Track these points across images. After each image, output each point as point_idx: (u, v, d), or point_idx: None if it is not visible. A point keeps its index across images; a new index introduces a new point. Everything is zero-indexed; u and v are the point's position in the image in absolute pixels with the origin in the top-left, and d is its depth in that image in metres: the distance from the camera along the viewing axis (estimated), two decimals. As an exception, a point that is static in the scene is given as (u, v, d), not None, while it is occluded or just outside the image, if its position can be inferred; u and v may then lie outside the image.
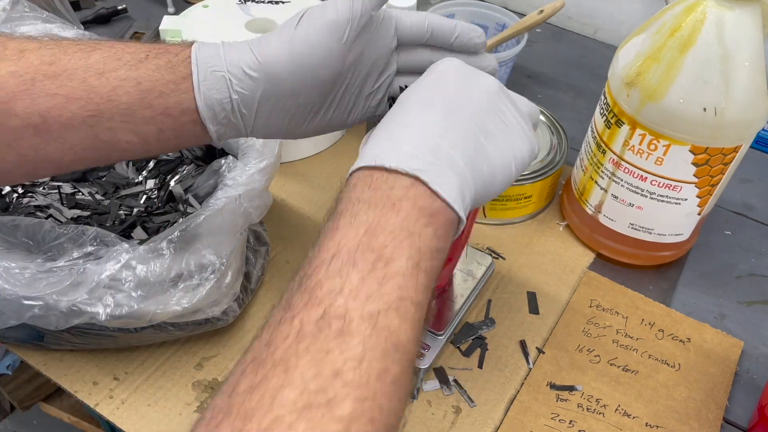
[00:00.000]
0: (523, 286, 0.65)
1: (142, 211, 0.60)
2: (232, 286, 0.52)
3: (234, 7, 0.77)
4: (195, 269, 0.48)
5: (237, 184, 0.51)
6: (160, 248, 0.47)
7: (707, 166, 0.56)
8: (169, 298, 0.47)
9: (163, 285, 0.47)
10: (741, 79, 0.52)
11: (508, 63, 0.82)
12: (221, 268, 0.49)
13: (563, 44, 1.01)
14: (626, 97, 0.56)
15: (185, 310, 0.48)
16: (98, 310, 0.46)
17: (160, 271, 0.47)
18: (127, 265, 0.46)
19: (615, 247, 0.66)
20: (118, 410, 0.53)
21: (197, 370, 0.56)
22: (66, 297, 0.45)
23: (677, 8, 0.53)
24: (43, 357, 0.56)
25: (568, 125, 0.74)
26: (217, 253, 0.49)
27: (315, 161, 0.77)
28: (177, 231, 0.48)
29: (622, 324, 0.62)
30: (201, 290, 0.48)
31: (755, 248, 0.71)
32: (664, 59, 0.53)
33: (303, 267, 0.34)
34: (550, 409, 0.55)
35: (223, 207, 0.50)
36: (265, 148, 0.55)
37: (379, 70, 0.44)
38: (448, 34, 0.44)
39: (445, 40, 0.44)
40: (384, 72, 0.45)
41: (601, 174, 0.63)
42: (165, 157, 0.64)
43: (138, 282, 0.46)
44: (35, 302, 0.45)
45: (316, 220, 0.69)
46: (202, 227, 0.48)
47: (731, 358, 0.60)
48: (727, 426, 0.56)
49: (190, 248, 0.48)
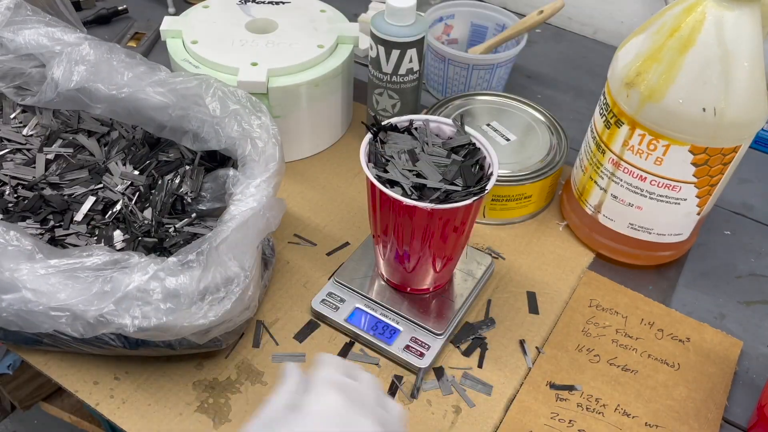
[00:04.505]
0: (522, 286, 0.65)
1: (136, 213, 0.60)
2: (253, 299, 0.52)
3: (234, 7, 0.77)
4: (221, 282, 0.48)
5: (255, 194, 0.51)
6: (190, 260, 0.47)
7: (707, 166, 0.56)
8: (196, 312, 0.47)
9: (192, 298, 0.46)
10: (741, 79, 0.52)
11: (508, 63, 0.82)
12: (245, 280, 0.49)
13: (563, 44, 1.01)
14: (626, 98, 0.57)
15: (212, 323, 0.48)
16: (126, 322, 0.45)
17: (189, 283, 0.46)
18: (155, 276, 0.46)
19: (614, 246, 0.66)
20: (119, 410, 0.54)
21: (198, 369, 0.56)
22: (93, 307, 0.45)
23: (677, 8, 0.54)
24: (44, 357, 0.56)
25: (567, 125, 0.74)
26: (242, 266, 0.49)
27: (315, 161, 0.77)
28: (206, 244, 0.48)
29: (621, 324, 0.62)
30: (226, 303, 0.48)
31: (755, 248, 0.71)
32: (663, 59, 0.53)
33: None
34: (550, 409, 0.55)
35: (248, 219, 0.50)
36: (267, 154, 0.55)
37: None
38: None
39: None
40: None
41: (601, 174, 0.63)
42: (165, 158, 0.64)
43: (166, 294, 0.46)
44: (62, 313, 0.45)
45: (316, 220, 0.69)
46: (229, 239, 0.48)
47: (731, 357, 0.60)
48: (726, 426, 0.56)
49: (217, 261, 0.48)
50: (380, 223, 0.55)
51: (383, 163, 0.52)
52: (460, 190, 0.50)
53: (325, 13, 0.78)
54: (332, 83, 0.73)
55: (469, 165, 0.52)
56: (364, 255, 0.64)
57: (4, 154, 0.63)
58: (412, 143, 0.54)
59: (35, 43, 0.60)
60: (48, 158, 0.63)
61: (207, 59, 0.69)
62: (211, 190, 0.61)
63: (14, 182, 0.61)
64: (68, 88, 0.59)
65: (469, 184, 0.51)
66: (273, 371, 0.57)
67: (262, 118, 0.57)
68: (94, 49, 0.59)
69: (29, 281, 0.45)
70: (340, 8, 0.80)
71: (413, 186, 0.51)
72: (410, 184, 0.51)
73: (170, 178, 0.62)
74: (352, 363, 0.44)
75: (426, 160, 0.52)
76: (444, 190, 0.50)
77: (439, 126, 0.56)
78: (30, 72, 0.63)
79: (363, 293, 0.61)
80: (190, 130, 0.59)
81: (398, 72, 0.70)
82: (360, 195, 0.72)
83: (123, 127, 0.66)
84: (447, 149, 0.53)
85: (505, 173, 0.67)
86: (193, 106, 0.58)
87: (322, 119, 0.75)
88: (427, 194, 0.50)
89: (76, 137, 0.65)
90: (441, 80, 0.84)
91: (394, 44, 0.67)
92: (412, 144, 0.54)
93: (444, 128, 0.56)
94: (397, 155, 0.52)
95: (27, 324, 0.46)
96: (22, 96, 0.64)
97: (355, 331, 0.59)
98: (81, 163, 0.63)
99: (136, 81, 0.58)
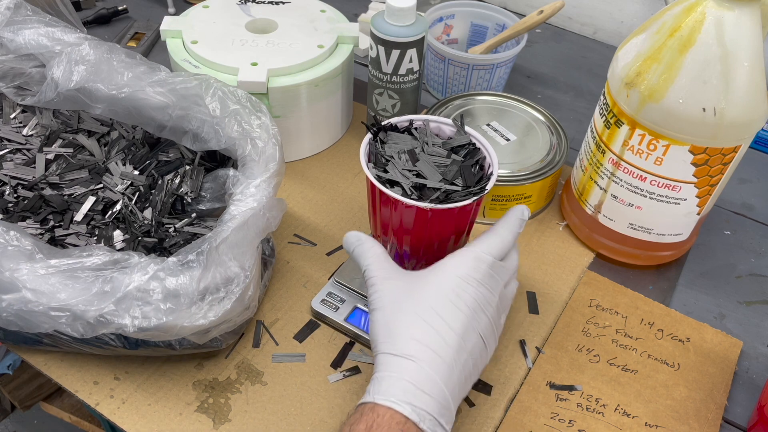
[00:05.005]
0: (522, 285, 0.65)
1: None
2: (253, 299, 0.52)
3: (234, 7, 0.77)
4: (221, 282, 0.48)
5: (255, 194, 0.51)
6: (190, 260, 0.47)
7: (707, 166, 0.56)
8: (196, 312, 0.47)
9: (192, 298, 0.47)
10: (741, 79, 0.52)
11: (508, 63, 0.82)
12: (245, 280, 0.49)
13: (563, 44, 1.01)
14: (626, 98, 0.57)
15: (212, 323, 0.48)
16: (126, 322, 0.45)
17: (189, 283, 0.46)
18: (155, 276, 0.46)
19: (614, 246, 0.66)
20: (119, 410, 0.54)
21: (198, 369, 0.56)
22: (93, 307, 0.45)
23: (677, 8, 0.54)
24: (44, 357, 0.56)
25: (567, 125, 0.74)
26: (242, 266, 0.49)
27: (315, 161, 0.77)
28: (206, 244, 0.48)
29: (621, 324, 0.62)
30: (226, 303, 0.48)
31: (755, 248, 0.71)
32: (663, 59, 0.53)
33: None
34: (550, 409, 0.55)
35: (248, 219, 0.50)
36: (267, 154, 0.55)
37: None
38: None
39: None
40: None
41: (601, 174, 0.63)
42: (165, 158, 0.64)
43: (167, 294, 0.46)
44: (62, 313, 0.45)
45: (316, 220, 0.69)
46: (229, 239, 0.48)
47: (731, 357, 0.60)
48: (726, 425, 0.56)
49: (217, 261, 0.48)
50: (380, 223, 0.55)
51: (383, 163, 0.52)
52: (459, 190, 0.51)
53: (325, 13, 0.78)
54: (332, 83, 0.73)
55: (469, 165, 0.52)
56: (364, 255, 0.64)
57: (4, 154, 0.63)
58: (412, 143, 0.54)
59: (35, 43, 0.60)
60: (48, 158, 0.63)
61: (207, 59, 0.69)
62: (211, 190, 0.61)
63: (14, 182, 0.61)
64: (68, 88, 0.59)
65: (469, 184, 0.51)
66: (273, 371, 0.57)
67: (262, 118, 0.57)
68: (94, 49, 0.59)
69: (29, 281, 0.45)
70: (340, 8, 0.80)
71: (413, 186, 0.51)
72: (410, 184, 0.51)
73: (170, 178, 0.62)
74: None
75: (426, 160, 0.52)
76: (444, 190, 0.51)
77: (439, 126, 0.56)
78: (30, 72, 0.63)
79: (363, 293, 0.61)
80: (190, 130, 0.59)
81: (398, 72, 0.70)
82: (360, 195, 0.72)
83: (123, 127, 0.66)
84: (447, 149, 0.54)
85: (505, 173, 0.67)
86: (193, 106, 0.58)
87: (322, 119, 0.75)
88: (427, 194, 0.50)
89: (76, 137, 0.65)
90: (441, 80, 0.84)
91: (394, 44, 0.67)
92: (412, 144, 0.54)
93: (444, 128, 0.56)
94: (397, 155, 0.53)
95: (27, 324, 0.46)
96: (22, 96, 0.64)
97: (355, 331, 0.59)
98: (81, 163, 0.63)
99: (136, 81, 0.58)
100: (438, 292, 0.46)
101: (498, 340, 0.50)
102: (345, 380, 0.56)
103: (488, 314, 0.47)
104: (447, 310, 0.46)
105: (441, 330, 0.45)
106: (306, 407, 0.55)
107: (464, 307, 0.46)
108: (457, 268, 0.48)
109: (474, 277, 0.47)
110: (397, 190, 0.50)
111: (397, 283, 0.48)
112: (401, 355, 0.44)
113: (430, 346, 0.44)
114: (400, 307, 0.47)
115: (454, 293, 0.46)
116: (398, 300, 0.47)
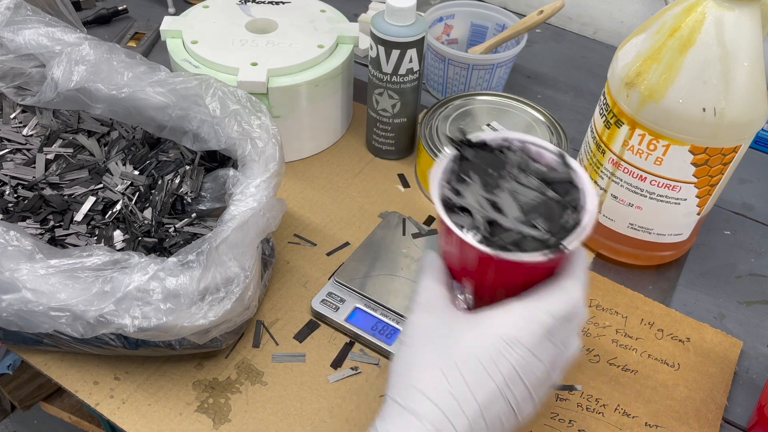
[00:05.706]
0: (522, 286, 0.65)
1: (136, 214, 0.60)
2: (253, 299, 0.52)
3: (234, 7, 0.77)
4: (221, 282, 0.48)
5: (255, 194, 0.51)
6: (190, 261, 0.47)
7: (707, 166, 0.56)
8: (196, 312, 0.47)
9: (192, 298, 0.47)
10: (741, 79, 0.52)
11: (508, 63, 0.82)
12: (245, 280, 0.49)
13: (563, 44, 1.01)
14: (626, 98, 0.57)
15: (212, 323, 0.48)
16: (126, 322, 0.45)
17: (189, 283, 0.46)
18: (155, 276, 0.46)
19: (615, 246, 0.66)
20: (119, 410, 0.54)
21: (198, 369, 0.56)
22: (93, 307, 0.45)
23: (677, 8, 0.54)
24: (44, 357, 0.56)
25: (567, 125, 0.74)
26: (242, 266, 0.49)
27: (315, 161, 0.77)
28: (206, 244, 0.48)
29: (621, 324, 0.62)
30: (226, 303, 0.48)
31: (755, 248, 0.71)
32: (663, 59, 0.53)
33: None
34: (550, 409, 0.55)
35: (248, 219, 0.50)
36: (267, 154, 0.55)
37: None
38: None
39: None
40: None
41: (601, 174, 0.63)
42: (165, 158, 0.64)
43: (167, 294, 0.46)
44: (62, 313, 0.45)
45: (316, 220, 0.69)
46: (229, 239, 0.48)
47: (731, 357, 0.60)
48: (726, 426, 0.56)
49: (217, 261, 0.48)
50: (443, 252, 0.44)
51: (457, 182, 0.42)
52: (536, 236, 0.39)
53: (325, 13, 0.78)
54: (332, 83, 0.73)
55: (562, 207, 0.41)
56: (364, 255, 0.64)
57: (4, 154, 0.63)
58: (499, 165, 0.43)
59: (35, 43, 0.60)
60: (48, 158, 0.63)
61: (207, 59, 0.69)
62: (211, 190, 0.61)
63: (14, 182, 0.61)
64: (68, 88, 0.59)
65: (553, 231, 0.39)
66: (273, 371, 0.57)
67: (262, 118, 0.57)
68: (94, 49, 0.59)
69: (29, 281, 0.45)
70: (340, 8, 0.80)
71: (487, 220, 0.40)
72: (484, 216, 0.40)
73: (170, 178, 0.62)
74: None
75: (511, 191, 0.41)
76: (518, 231, 0.39)
77: (540, 151, 0.44)
78: (30, 72, 0.63)
79: (363, 293, 0.61)
80: (190, 130, 0.59)
81: (398, 72, 0.70)
82: (360, 195, 0.72)
83: (123, 127, 0.66)
84: (542, 180, 0.42)
85: (505, 173, 0.67)
86: (193, 106, 0.58)
87: (322, 119, 0.75)
88: (497, 233, 0.40)
89: (76, 137, 0.65)
90: (441, 80, 0.84)
91: (394, 44, 0.67)
92: (499, 166, 0.43)
93: (546, 155, 0.44)
94: (478, 178, 0.42)
95: (27, 324, 0.46)
96: (22, 96, 0.64)
97: (355, 331, 0.59)
98: (81, 163, 0.63)
99: (136, 81, 0.58)
100: (471, 350, 0.38)
101: (539, 404, 0.40)
102: (345, 380, 0.56)
103: (529, 382, 0.38)
104: (474, 375, 0.38)
105: (459, 395, 0.38)
106: (306, 407, 0.55)
107: (498, 376, 0.37)
108: (502, 327, 0.38)
109: (521, 343, 0.38)
110: (463, 220, 0.40)
111: (436, 321, 0.41)
112: (407, 408, 0.38)
113: (441, 408, 0.37)
114: (425, 351, 0.40)
115: (489, 357, 0.38)
116: (427, 342, 0.40)
